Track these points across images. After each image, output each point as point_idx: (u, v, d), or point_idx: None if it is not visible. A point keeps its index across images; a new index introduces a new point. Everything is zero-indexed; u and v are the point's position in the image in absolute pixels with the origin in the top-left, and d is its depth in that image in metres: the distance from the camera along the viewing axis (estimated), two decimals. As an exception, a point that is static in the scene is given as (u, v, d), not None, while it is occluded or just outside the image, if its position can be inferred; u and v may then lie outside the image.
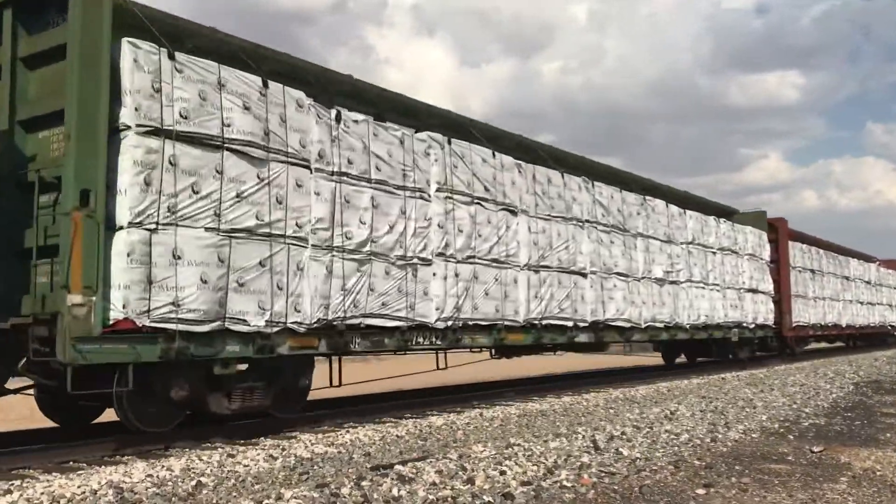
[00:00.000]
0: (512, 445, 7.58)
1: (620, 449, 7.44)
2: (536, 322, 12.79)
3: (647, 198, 16.74)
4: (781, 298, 23.95)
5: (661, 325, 16.53)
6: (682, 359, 22.41)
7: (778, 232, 24.71)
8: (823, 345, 33.11)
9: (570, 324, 13.61)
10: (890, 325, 38.07)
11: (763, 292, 22.11)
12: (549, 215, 13.31)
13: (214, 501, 5.55)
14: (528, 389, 14.41)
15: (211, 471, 6.71)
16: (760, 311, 21.77)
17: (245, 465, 6.99)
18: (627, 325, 15.24)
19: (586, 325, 14.02)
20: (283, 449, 7.87)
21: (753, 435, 8.66)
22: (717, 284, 19.19)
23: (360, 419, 10.22)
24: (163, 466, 6.88)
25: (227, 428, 8.94)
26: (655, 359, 24.12)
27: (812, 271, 26.64)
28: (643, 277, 15.95)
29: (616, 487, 5.90)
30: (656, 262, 16.48)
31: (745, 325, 20.76)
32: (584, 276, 14.06)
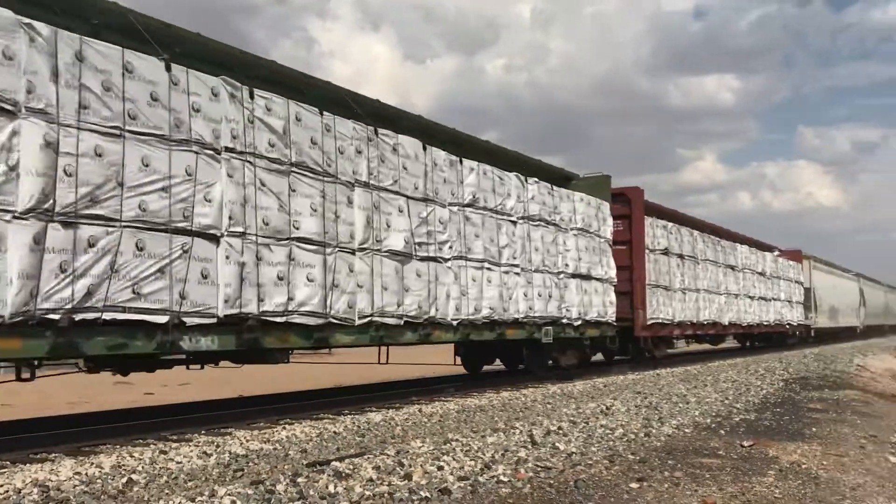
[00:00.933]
0: (450, 441, 7.59)
1: (557, 444, 7.52)
2: None
3: (383, 132, 11.33)
4: (634, 289, 19.31)
5: (400, 321, 11.29)
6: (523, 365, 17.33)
7: (631, 205, 19.64)
8: (707, 347, 29.51)
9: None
10: (788, 324, 33.55)
11: (600, 279, 17.08)
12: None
13: (146, 499, 5.43)
14: (468, 385, 14.46)
15: (143, 468, 6.57)
16: (595, 304, 16.78)
17: (178, 462, 6.86)
18: (317, 321, 9.88)
19: (214, 321, 8.62)
20: (218, 446, 7.74)
21: (686, 430, 8.84)
22: (516, 265, 14.11)
23: (297, 415, 10.13)
24: (92, 464, 6.71)
25: (160, 424, 8.77)
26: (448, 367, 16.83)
27: (680, 256, 22.05)
28: (363, 249, 10.68)
29: (552, 482, 5.95)
30: (393, 227, 11.24)
31: (566, 321, 15.69)
32: (214, 240, 8.66)
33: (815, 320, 37.95)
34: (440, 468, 6.26)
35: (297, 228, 9.64)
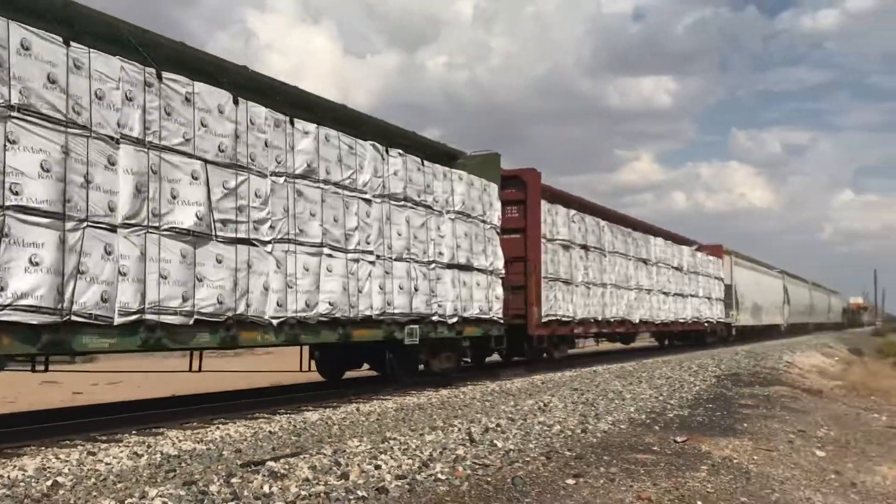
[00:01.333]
0: (388, 439, 7.54)
1: (495, 441, 7.53)
2: None
3: (171, 76, 8.89)
4: (528, 282, 17.25)
5: (188, 320, 8.85)
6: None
7: (527, 188, 17.54)
8: (619, 346, 28.40)
9: None
10: (707, 322, 31.50)
11: (484, 270, 14.97)
12: None
13: (72, 502, 5.25)
14: (408, 383, 14.40)
15: (69, 470, 6.35)
16: (477, 299, 14.65)
17: (107, 464, 6.66)
18: (47, 318, 7.40)
19: None
20: (149, 446, 7.55)
21: (622, 426, 8.95)
22: (369, 252, 11.81)
23: (232, 415, 9.94)
24: (14, 466, 6.46)
25: (88, 424, 8.51)
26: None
27: (584, 247, 20.14)
28: (130, 225, 8.22)
29: (489, 479, 5.96)
30: (182, 198, 8.83)
31: (437, 318, 13.45)
32: None
33: (736, 318, 36.28)
34: (378, 467, 6.21)
35: (17, 194, 7.16)
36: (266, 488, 5.42)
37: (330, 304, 10.90)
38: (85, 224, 7.78)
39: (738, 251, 40.45)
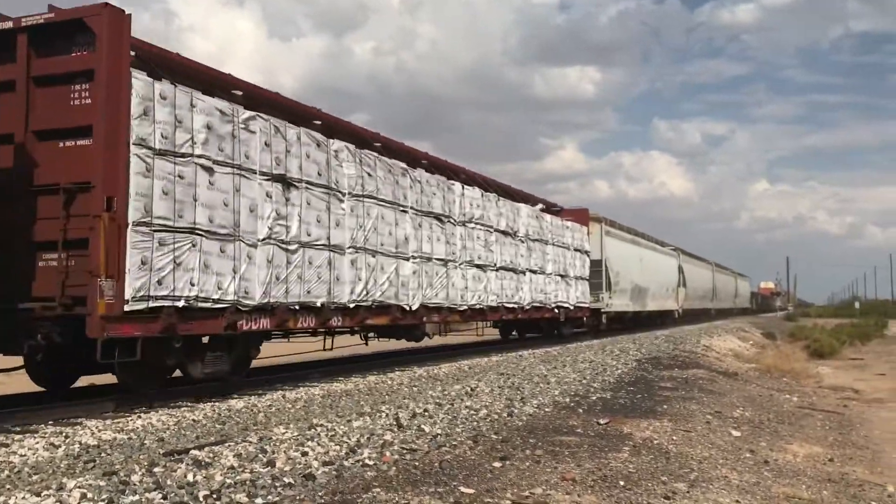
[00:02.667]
0: (315, 426, 7.50)
1: (422, 426, 7.57)
2: None
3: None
4: (96, 235, 8.71)
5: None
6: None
7: (100, 42, 9.00)
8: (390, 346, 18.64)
9: None
10: (560, 308, 23.95)
11: None
12: None
13: (-16, 496, 5.06)
14: (334, 370, 14.34)
15: (-19, 463, 6.13)
16: None
17: (22, 455, 6.45)
18: None
19: None
20: (67, 437, 7.34)
21: (547, 409, 9.11)
22: None
23: (153, 404, 9.72)
24: (-78, 460, 6.19)
25: (1, 415, 8.20)
26: None
27: (285, 182, 11.54)
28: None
29: (417, 463, 5.99)
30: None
31: None
32: None
33: (608, 303, 28.93)
34: (304, 454, 6.17)
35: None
36: (190, 477, 5.33)
37: None
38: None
39: (612, 218, 32.73)
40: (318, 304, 12.16)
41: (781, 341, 34.86)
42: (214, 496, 4.88)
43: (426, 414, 8.38)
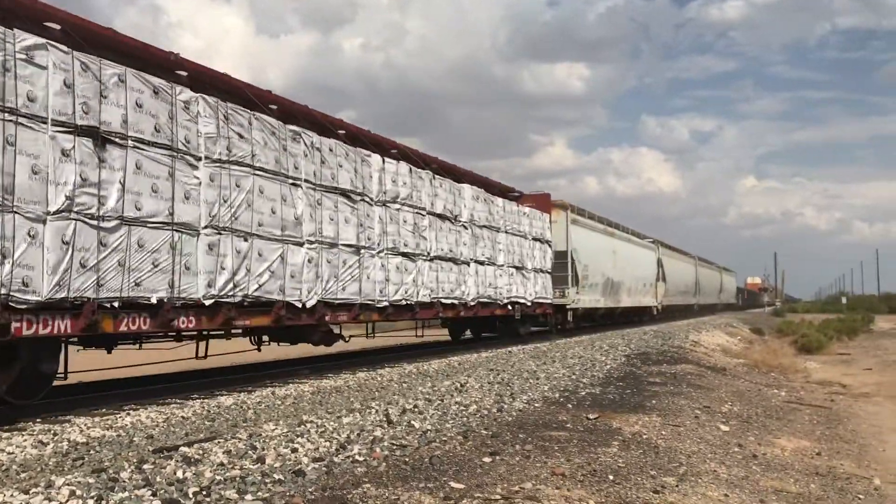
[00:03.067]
0: (305, 423, 7.49)
1: (412, 422, 7.58)
2: None
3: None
4: None
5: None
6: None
7: None
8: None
9: None
10: (516, 303, 21.16)
11: None
12: None
13: (-28, 494, 5.04)
14: (324, 367, 14.33)
15: (-32, 461, 6.10)
16: None
17: (9, 453, 6.42)
18: None
19: None
20: (55, 434, 7.31)
21: (536, 405, 9.13)
22: None
23: (143, 401, 9.70)
24: None
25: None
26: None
27: (103, 139, 8.77)
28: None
29: (407, 459, 5.99)
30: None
31: None
32: None
33: (575, 299, 26.06)
34: (294, 450, 6.17)
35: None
36: (179, 474, 5.32)
37: None
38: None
39: (583, 207, 29.95)
40: (153, 301, 9.31)
41: (769, 337, 35.04)
42: (204, 493, 4.87)
43: (416, 410, 8.38)
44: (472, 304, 18.39)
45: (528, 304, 22.10)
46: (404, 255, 15.32)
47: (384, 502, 4.87)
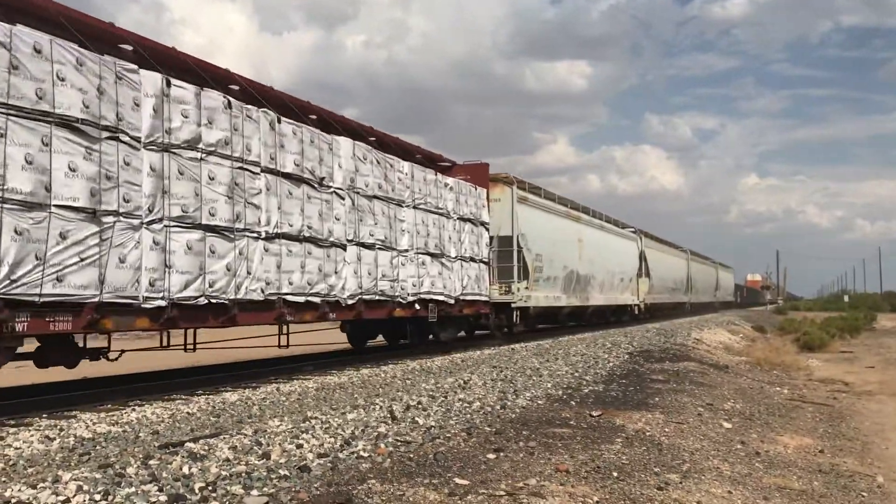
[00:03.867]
0: (309, 419, 7.52)
1: (416, 418, 7.60)
2: None
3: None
4: None
5: None
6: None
7: None
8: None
9: None
10: (428, 301, 16.31)
11: None
12: None
13: (-21, 488, 5.07)
14: (328, 363, 14.37)
15: (-25, 455, 6.13)
16: None
17: (16, 448, 6.46)
18: None
19: None
20: (61, 429, 7.34)
21: (539, 401, 9.15)
22: None
23: (148, 397, 9.73)
24: (-83, 453, 6.19)
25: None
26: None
27: None
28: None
29: (411, 455, 6.02)
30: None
31: None
32: None
33: (526, 296, 21.31)
34: (299, 446, 6.20)
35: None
36: (185, 469, 5.35)
37: None
38: None
39: (538, 185, 24.79)
40: None
41: (771, 334, 35.03)
42: (210, 488, 4.90)
43: (420, 406, 8.41)
44: (351, 301, 13.51)
45: (452, 302, 17.27)
46: (208, 228, 10.26)
47: (389, 498, 4.89)
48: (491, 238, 19.94)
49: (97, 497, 4.62)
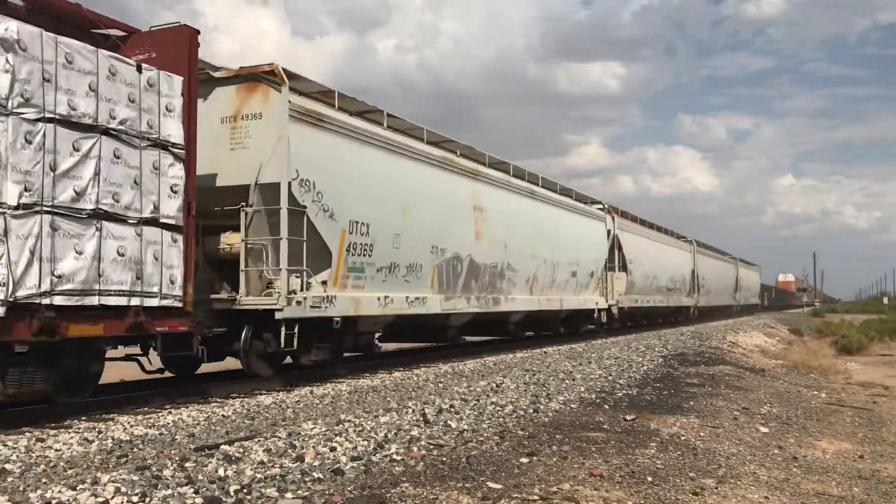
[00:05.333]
0: (342, 422, 7.56)
1: (449, 421, 7.61)
2: None
3: None
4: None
5: None
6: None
7: None
8: None
9: None
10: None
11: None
12: None
13: (21, 489, 5.16)
14: (360, 366, 14.41)
15: (17, 456, 6.25)
16: None
17: (57, 450, 6.57)
18: None
19: None
20: (100, 432, 7.45)
21: (573, 405, 9.10)
22: None
23: (184, 399, 9.84)
24: (-40, 454, 6.32)
25: (36, 411, 8.34)
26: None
27: None
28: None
29: (444, 459, 6.02)
30: None
31: None
32: None
33: (321, 298, 11.54)
34: (333, 449, 6.23)
35: None
36: (221, 472, 5.40)
37: None
38: None
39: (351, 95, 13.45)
40: None
41: (808, 337, 34.53)
42: (245, 491, 4.95)
43: (452, 410, 8.41)
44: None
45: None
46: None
47: (422, 502, 4.90)
48: (242, 188, 11.01)
49: (135, 499, 4.69)
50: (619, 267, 27.45)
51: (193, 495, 4.82)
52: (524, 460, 6.14)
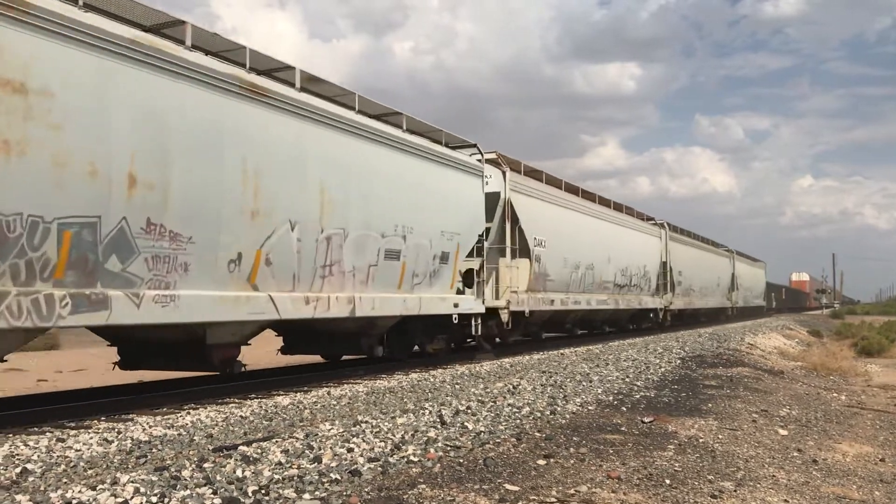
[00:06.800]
0: (360, 423, 7.58)
1: (466, 423, 7.60)
2: None
3: None
4: None
5: None
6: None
7: None
8: None
9: None
10: None
11: None
12: None
13: (42, 489, 5.21)
14: (377, 367, 14.44)
15: (38, 456, 6.31)
16: None
17: (77, 450, 6.62)
18: None
19: None
20: (119, 432, 7.51)
21: (590, 407, 9.07)
22: None
23: (202, 400, 9.91)
24: (-18, 454, 6.39)
25: (57, 411, 8.42)
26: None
27: None
28: None
29: (461, 460, 6.02)
30: None
31: None
32: None
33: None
34: (350, 450, 6.25)
35: None
36: (239, 472, 5.43)
37: None
38: None
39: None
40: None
41: (828, 339, 34.24)
42: (263, 491, 4.97)
43: (469, 411, 8.40)
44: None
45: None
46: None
47: (440, 503, 4.90)
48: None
49: (153, 499, 4.71)
50: (518, 252, 18.84)
51: (212, 496, 4.84)
52: (541, 462, 6.13)
